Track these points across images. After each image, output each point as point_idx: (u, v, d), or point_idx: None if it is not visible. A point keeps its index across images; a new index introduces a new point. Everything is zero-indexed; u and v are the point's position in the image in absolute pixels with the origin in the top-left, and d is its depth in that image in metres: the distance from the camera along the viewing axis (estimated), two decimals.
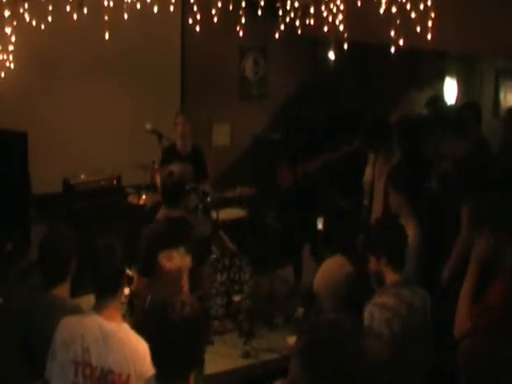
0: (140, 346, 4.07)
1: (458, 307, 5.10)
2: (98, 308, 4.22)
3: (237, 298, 7.11)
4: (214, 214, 8.08)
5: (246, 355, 6.37)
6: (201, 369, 4.37)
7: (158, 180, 8.58)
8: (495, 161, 6.80)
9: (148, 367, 3.98)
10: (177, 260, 4.25)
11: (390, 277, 4.65)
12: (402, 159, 6.79)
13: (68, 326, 4.20)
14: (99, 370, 4.07)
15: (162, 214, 8.31)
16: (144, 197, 8.51)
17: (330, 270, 4.36)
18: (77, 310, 4.46)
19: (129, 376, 4.04)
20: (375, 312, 4.40)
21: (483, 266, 5.10)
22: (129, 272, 5.69)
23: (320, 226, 9.04)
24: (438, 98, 9.01)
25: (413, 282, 4.77)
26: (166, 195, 6.41)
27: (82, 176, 9.11)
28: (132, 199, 8.69)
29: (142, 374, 4.01)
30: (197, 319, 3.51)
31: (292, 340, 6.75)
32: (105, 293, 4.23)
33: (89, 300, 6.36)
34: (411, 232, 5.38)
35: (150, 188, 8.70)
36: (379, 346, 4.28)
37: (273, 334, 6.85)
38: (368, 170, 7.45)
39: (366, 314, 4.46)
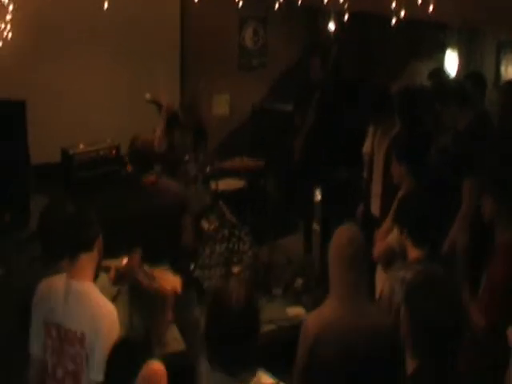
0: (104, 307, 4.03)
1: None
2: (69, 266, 4.18)
3: (236, 270, 7.13)
4: (213, 184, 8.08)
5: None
6: None
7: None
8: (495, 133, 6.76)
9: (109, 328, 3.95)
10: (170, 281, 3.98)
11: (412, 252, 4.62)
12: (403, 130, 6.76)
13: (41, 288, 4.21)
14: (64, 331, 4.05)
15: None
16: None
17: (337, 237, 4.34)
18: None
19: (83, 334, 3.98)
20: (396, 286, 4.38)
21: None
22: None
23: (318, 197, 9.07)
24: (442, 69, 8.97)
25: (435, 259, 4.72)
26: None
27: (81, 146, 9.06)
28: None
29: (100, 333, 3.94)
30: (254, 301, 3.43)
31: (291, 311, 6.79)
32: (76, 252, 4.16)
33: None
34: None
35: None
36: None
37: (272, 305, 6.86)
38: (367, 141, 7.43)
39: (387, 286, 4.44)
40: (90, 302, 4.02)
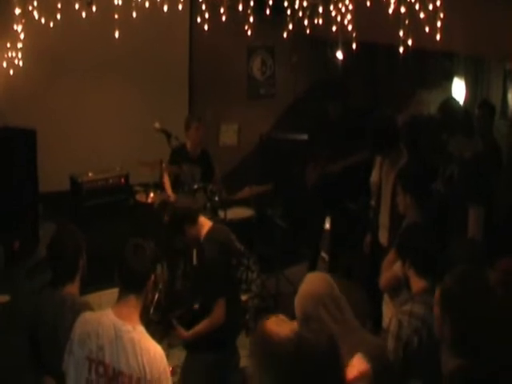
0: (154, 350, 4.10)
1: None
2: (117, 306, 4.23)
3: (244, 298, 7.13)
4: (221, 214, 8.10)
5: None
6: None
7: (166, 179, 8.66)
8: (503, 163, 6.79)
9: (162, 372, 4.07)
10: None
11: (416, 283, 4.63)
12: (410, 160, 6.78)
13: (85, 322, 4.21)
14: (111, 370, 4.07)
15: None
16: (152, 195, 8.53)
17: (313, 287, 4.28)
18: (87, 308, 4.48)
19: (139, 379, 4.03)
20: (404, 320, 4.39)
21: None
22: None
23: (327, 225, 9.07)
24: (452, 100, 8.96)
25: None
26: None
27: (90, 174, 9.13)
28: (140, 197, 8.70)
29: (155, 378, 4.04)
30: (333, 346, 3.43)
31: None
32: (127, 291, 4.23)
33: (98, 297, 6.42)
34: None
35: (158, 186, 8.72)
36: None
37: None
38: (375, 171, 7.45)
39: (394, 321, 4.45)
40: (142, 348, 4.07)
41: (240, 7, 7.14)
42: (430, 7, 6.03)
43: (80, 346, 4.16)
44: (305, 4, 7.17)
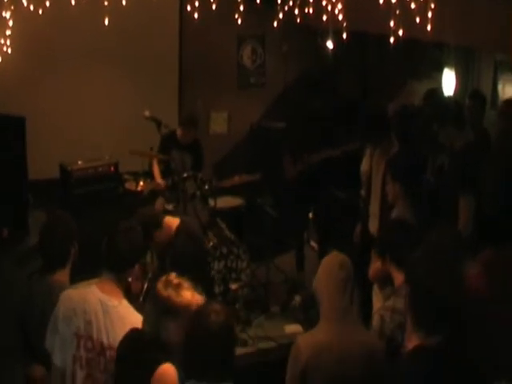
0: (140, 324, 4.06)
1: None
2: (100, 282, 4.24)
3: (234, 287, 7.14)
4: (211, 202, 8.09)
5: (244, 343, 6.41)
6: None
7: (156, 167, 8.65)
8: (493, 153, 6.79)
9: None
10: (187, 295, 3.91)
11: (398, 277, 4.63)
12: (400, 150, 6.79)
13: (69, 299, 4.22)
14: (99, 344, 4.08)
15: (159, 203, 8.38)
16: (141, 183, 8.52)
17: (327, 263, 4.37)
18: None
19: None
20: (386, 315, 4.40)
21: None
22: None
23: (310, 215, 9.08)
24: (436, 90, 8.96)
25: None
26: None
27: (80, 162, 9.11)
28: (129, 186, 8.69)
29: None
30: (231, 327, 3.61)
31: (289, 328, 6.81)
32: (111, 271, 4.25)
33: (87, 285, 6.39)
34: None
35: (148, 175, 8.71)
36: None
37: (270, 323, 6.89)
38: (365, 161, 7.45)
39: (376, 317, 4.46)
40: (129, 322, 4.07)
41: None
42: None
43: (66, 323, 4.17)
44: None
